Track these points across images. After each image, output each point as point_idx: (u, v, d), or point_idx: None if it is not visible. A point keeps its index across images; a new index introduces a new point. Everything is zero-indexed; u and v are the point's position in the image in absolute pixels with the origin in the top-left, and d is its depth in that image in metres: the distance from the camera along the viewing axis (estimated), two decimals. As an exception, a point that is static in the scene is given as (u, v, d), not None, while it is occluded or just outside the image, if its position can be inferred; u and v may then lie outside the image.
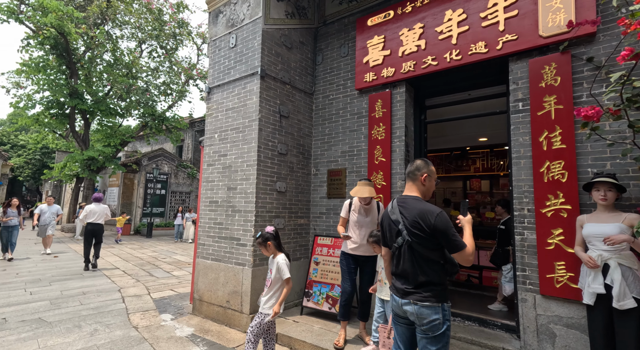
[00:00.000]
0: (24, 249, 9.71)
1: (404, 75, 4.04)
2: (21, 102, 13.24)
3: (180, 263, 8.51)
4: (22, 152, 30.61)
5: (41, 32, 12.14)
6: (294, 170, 4.66)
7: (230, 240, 4.20)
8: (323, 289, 4.00)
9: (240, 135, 4.30)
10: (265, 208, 4.16)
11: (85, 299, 4.95)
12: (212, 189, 4.57)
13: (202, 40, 16.75)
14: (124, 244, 12.12)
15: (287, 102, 4.60)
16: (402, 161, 4.04)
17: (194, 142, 21.05)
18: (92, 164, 14.27)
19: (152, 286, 5.90)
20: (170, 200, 18.36)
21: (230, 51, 4.59)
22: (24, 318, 4.07)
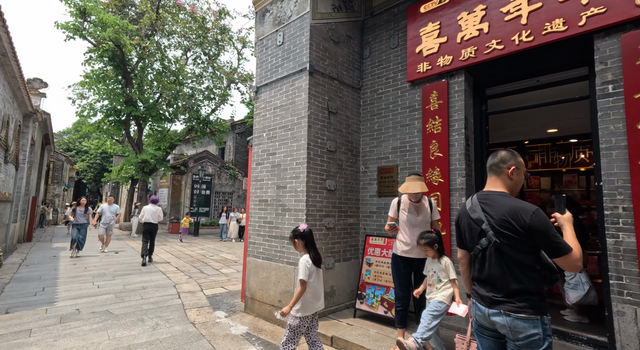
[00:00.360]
0: (90, 245, 10.58)
1: (463, 63, 3.73)
2: (84, 111, 14.55)
3: (227, 261, 8.76)
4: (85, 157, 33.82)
5: (101, 46, 13.23)
6: (343, 168, 4.52)
7: (281, 240, 4.16)
8: (377, 291, 3.81)
9: (289, 133, 4.26)
10: (316, 207, 4.07)
11: (145, 294, 5.21)
12: (261, 187, 4.58)
13: (242, 44, 17.26)
14: (175, 242, 12.81)
15: (335, 98, 4.47)
16: (462, 156, 3.73)
17: (235, 144, 21.80)
18: (145, 166, 15.29)
19: (203, 283, 6.09)
20: (214, 200, 19.16)
21: (278, 49, 4.57)
22: (94, 310, 4.36)
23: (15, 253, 8.99)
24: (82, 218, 8.53)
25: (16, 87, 7.72)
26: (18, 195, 9.61)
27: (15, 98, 8.23)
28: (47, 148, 17.33)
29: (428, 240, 2.89)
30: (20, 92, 8.06)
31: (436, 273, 2.89)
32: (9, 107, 7.60)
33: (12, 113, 8.03)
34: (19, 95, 8.27)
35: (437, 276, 2.88)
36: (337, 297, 4.24)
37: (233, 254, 10.01)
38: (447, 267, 2.86)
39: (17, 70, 6.91)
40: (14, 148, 8.52)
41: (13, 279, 5.99)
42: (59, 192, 21.63)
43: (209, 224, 17.95)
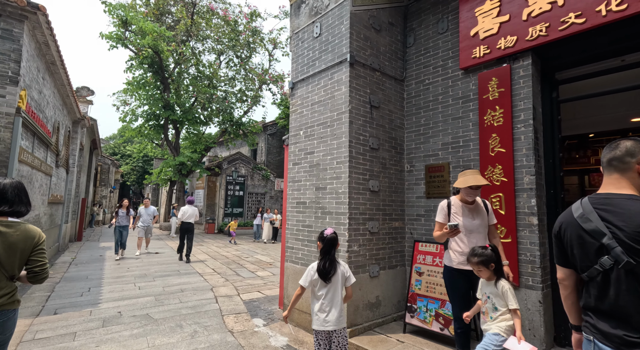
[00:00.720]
0: (132, 245, 11.00)
1: (531, 43, 3.21)
2: (127, 116, 15.31)
3: (262, 263, 8.67)
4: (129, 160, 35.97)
5: (140, 53, 13.82)
6: (387, 167, 4.15)
7: (321, 245, 3.87)
8: (431, 304, 3.40)
9: (328, 130, 3.96)
10: (359, 209, 3.74)
11: (183, 297, 5.17)
12: (298, 189, 4.33)
13: (273, 45, 17.32)
14: (210, 242, 13.03)
15: (378, 91, 4.11)
16: (530, 151, 3.22)
17: (266, 145, 21.99)
18: (182, 168, 15.79)
19: (240, 286, 5.98)
20: (248, 201, 19.42)
21: (315, 41, 4.29)
22: (134, 313, 4.34)
23: (66, 252, 9.52)
24: (124, 220, 8.57)
25: (65, 95, 8.14)
26: (69, 197, 10.21)
27: (64, 105, 8.70)
28: (95, 152, 18.51)
29: (482, 258, 2.31)
30: (69, 99, 8.51)
31: (491, 299, 2.33)
32: (58, 114, 8.04)
33: (62, 119, 8.50)
34: (68, 103, 8.74)
35: (492, 303, 2.32)
36: (383, 308, 3.87)
37: (267, 256, 9.93)
38: (504, 293, 2.26)
39: (65, 78, 7.25)
40: (64, 153, 9.03)
41: (63, 278, 6.24)
42: (106, 194, 23.08)
43: (243, 225, 18.19)
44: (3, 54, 4.70)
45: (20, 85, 4.86)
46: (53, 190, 8.18)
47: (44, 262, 1.86)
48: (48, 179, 7.52)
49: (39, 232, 1.88)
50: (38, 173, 6.51)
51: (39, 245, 1.86)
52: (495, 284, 2.30)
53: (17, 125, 4.77)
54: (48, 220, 7.96)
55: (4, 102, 4.67)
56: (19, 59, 4.80)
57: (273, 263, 8.69)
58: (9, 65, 4.72)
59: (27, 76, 5.21)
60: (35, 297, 5.00)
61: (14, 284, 1.83)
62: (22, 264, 1.83)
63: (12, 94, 4.73)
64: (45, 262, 1.87)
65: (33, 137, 5.87)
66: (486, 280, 2.36)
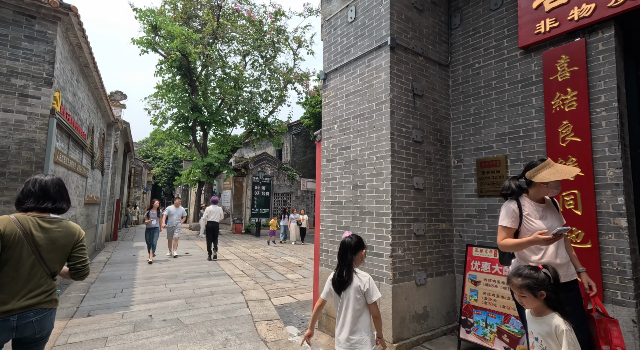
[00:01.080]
0: (163, 245, 11.17)
1: (614, 11, 2.69)
2: (157, 119, 15.72)
3: (291, 265, 8.44)
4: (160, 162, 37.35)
5: (169, 56, 14.10)
6: (432, 162, 3.72)
7: (360, 248, 3.52)
8: (491, 319, 2.95)
9: (366, 123, 3.60)
10: (402, 209, 3.35)
11: (214, 300, 5.00)
12: (333, 187, 4.00)
13: (297, 44, 17.17)
14: (238, 243, 13.03)
15: (421, 78, 3.70)
16: (615, 139, 2.69)
17: (291, 145, 21.91)
18: (210, 169, 15.99)
19: (270, 290, 5.74)
20: (274, 201, 19.40)
21: (349, 27, 3.95)
22: (165, 317, 4.20)
23: (102, 252, 9.79)
24: (154, 221, 8.38)
25: (99, 98, 8.33)
26: (104, 198, 10.51)
27: (98, 108, 8.93)
28: (129, 155, 19.22)
29: (529, 281, 1.65)
30: (102, 102, 8.72)
31: (539, 341, 1.70)
32: (93, 117, 8.24)
33: (96, 122, 8.72)
34: (102, 106, 8.96)
35: (540, 344, 1.71)
36: (432, 320, 3.45)
37: (296, 257, 9.70)
38: (559, 336, 1.60)
39: (99, 81, 7.39)
40: (99, 155, 9.28)
41: (98, 278, 6.31)
42: (139, 195, 23.98)
43: (269, 225, 18.17)
44: (38, 56, 4.74)
45: (54, 87, 4.90)
46: (89, 191, 8.39)
47: (85, 258, 1.87)
48: (84, 180, 7.70)
49: (79, 229, 1.90)
50: (74, 174, 6.63)
51: (80, 241, 1.87)
52: (547, 319, 1.67)
53: (51, 127, 4.80)
54: (84, 221, 8.17)
55: (39, 103, 4.71)
56: (52, 61, 4.83)
57: (302, 265, 8.44)
58: (43, 67, 4.76)
59: (61, 78, 5.26)
60: (70, 298, 5.02)
61: (53, 283, 1.82)
62: (63, 261, 1.84)
63: (47, 96, 4.77)
64: (86, 259, 1.88)
65: (68, 138, 5.96)
66: (533, 314, 1.74)
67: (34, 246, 1.70)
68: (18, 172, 4.54)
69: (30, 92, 4.67)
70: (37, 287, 1.72)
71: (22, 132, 4.60)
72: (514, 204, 2.14)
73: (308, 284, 6.25)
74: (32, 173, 4.63)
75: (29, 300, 1.68)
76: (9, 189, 4.47)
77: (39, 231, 1.73)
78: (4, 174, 4.45)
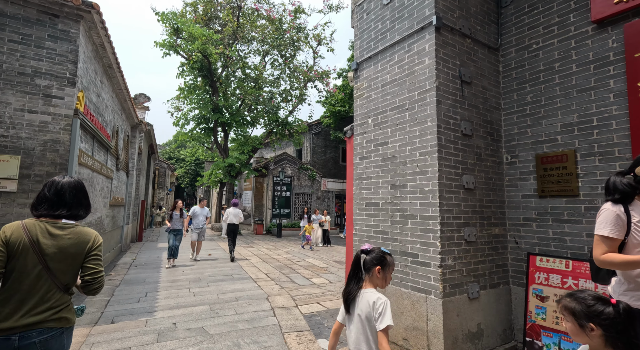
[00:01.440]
0: (186, 245, 11.16)
1: None
2: (179, 121, 15.87)
3: (315, 268, 8.12)
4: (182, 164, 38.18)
5: (191, 58, 14.17)
6: (482, 159, 3.28)
7: (402, 256, 3.13)
8: (567, 344, 2.49)
9: (407, 115, 3.21)
10: (452, 212, 2.93)
11: (239, 307, 4.75)
12: (368, 187, 3.63)
13: (317, 42, 16.87)
14: (260, 244, 12.87)
15: (469, 63, 3.26)
16: None
17: (311, 145, 21.65)
18: (231, 170, 15.97)
19: (297, 296, 5.44)
20: (294, 201, 19.20)
21: (384, 10, 3.56)
22: (189, 325, 3.98)
23: (128, 253, 9.85)
24: (178, 223, 7.80)
25: (123, 99, 8.35)
26: (129, 200, 10.61)
27: (122, 110, 8.97)
28: (153, 157, 19.60)
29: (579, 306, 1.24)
30: (126, 104, 8.74)
31: None
32: (117, 118, 8.25)
33: (120, 124, 8.75)
34: (126, 107, 8.99)
35: None
36: (487, 339, 3.01)
37: (319, 260, 9.38)
38: None
39: (122, 82, 7.36)
40: (124, 156, 9.34)
41: (123, 281, 6.23)
42: (163, 196, 24.49)
43: (290, 226, 17.98)
44: (61, 56, 4.66)
45: (77, 87, 4.80)
46: (114, 193, 8.42)
47: (98, 269, 1.60)
48: (109, 181, 7.71)
49: (94, 236, 1.64)
50: (99, 176, 6.61)
51: (94, 250, 1.61)
52: None
53: (75, 127, 4.71)
54: (110, 222, 8.20)
55: (63, 103, 4.63)
56: (75, 60, 4.74)
57: (327, 268, 8.10)
58: (66, 67, 4.68)
59: (84, 78, 5.18)
60: (95, 302, 4.91)
61: (66, 297, 1.58)
62: (76, 272, 1.60)
63: (70, 96, 4.68)
64: (99, 270, 1.60)
65: (92, 140, 5.91)
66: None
67: (40, 255, 1.48)
68: (43, 174, 4.47)
69: (54, 92, 4.59)
70: (43, 302, 1.48)
71: (47, 133, 4.52)
72: (619, 208, 1.66)
73: (336, 290, 5.91)
74: (57, 175, 4.56)
75: (32, 317, 1.45)
76: (34, 192, 4.40)
77: (47, 238, 1.51)
78: (29, 176, 4.38)
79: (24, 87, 4.41)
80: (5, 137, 4.29)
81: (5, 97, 4.31)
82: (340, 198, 21.53)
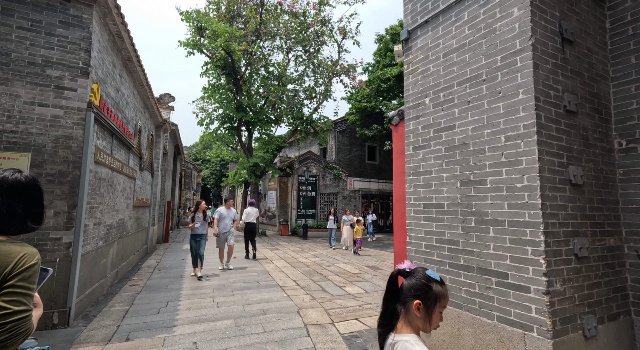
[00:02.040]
0: (210, 247, 10.79)
1: None
2: (204, 121, 15.70)
3: (347, 274, 7.41)
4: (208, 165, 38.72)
5: (214, 56, 13.90)
6: (590, 144, 2.44)
7: (481, 275, 2.36)
8: None
9: (484, 88, 2.43)
10: (557, 217, 2.13)
11: (267, 323, 4.14)
12: (426, 184, 2.88)
13: (342, 36, 16.16)
14: (286, 246, 12.32)
15: (570, 16, 2.44)
16: None
17: (336, 143, 20.95)
18: (256, 169, 15.60)
19: (331, 309, 4.77)
20: (320, 201, 18.57)
21: (447, -43, 2.80)
22: (211, 346, 3.41)
23: (153, 255, 9.61)
24: (202, 227, 6.71)
25: (145, 97, 8.05)
26: (154, 200, 10.40)
27: (146, 108, 8.69)
28: (179, 158, 19.69)
29: None
30: (149, 102, 8.45)
31: None
32: (140, 117, 7.96)
33: (144, 122, 8.47)
34: (149, 105, 8.71)
35: None
36: (609, 393, 2.18)
37: (350, 264, 8.66)
38: None
39: (143, 77, 7.02)
40: (148, 156, 9.08)
41: (145, 287, 5.83)
42: (189, 197, 24.71)
43: (316, 226, 17.37)
44: (73, 43, 4.26)
45: (91, 78, 4.40)
46: (138, 193, 8.14)
47: (10, 310, 0.97)
48: (132, 182, 7.40)
49: (18, 257, 1.04)
50: (120, 176, 6.26)
51: (13, 277, 1.01)
52: None
53: (89, 121, 4.29)
54: (134, 224, 7.92)
55: (75, 96, 4.22)
56: (89, 48, 4.33)
57: (360, 275, 7.37)
58: (79, 55, 4.27)
59: (100, 69, 4.78)
60: (113, 312, 4.49)
61: None
62: None
63: (83, 87, 4.27)
64: (13, 311, 0.97)
65: (111, 137, 5.54)
66: None
67: None
68: (54, 173, 4.08)
69: (66, 83, 4.20)
70: None
71: (58, 129, 4.13)
72: None
73: (375, 303, 5.18)
74: (69, 174, 4.16)
75: None
76: (46, 192, 3.97)
77: None
78: (40, 176, 4.00)
79: (34, 78, 4.04)
80: (15, 132, 3.93)
81: (15, 89, 3.95)
82: (367, 198, 20.66)
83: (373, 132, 19.25)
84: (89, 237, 4.68)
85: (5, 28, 3.93)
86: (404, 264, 1.19)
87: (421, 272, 1.15)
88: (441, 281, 1.15)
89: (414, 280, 1.14)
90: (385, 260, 9.56)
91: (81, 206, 4.20)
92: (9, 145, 3.88)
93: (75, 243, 4.15)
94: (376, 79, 17.85)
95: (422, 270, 1.16)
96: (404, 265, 1.18)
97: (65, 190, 4.11)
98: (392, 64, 18.62)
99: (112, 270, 5.97)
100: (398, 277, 1.19)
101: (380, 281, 6.78)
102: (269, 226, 19.83)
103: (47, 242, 3.98)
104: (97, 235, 5.06)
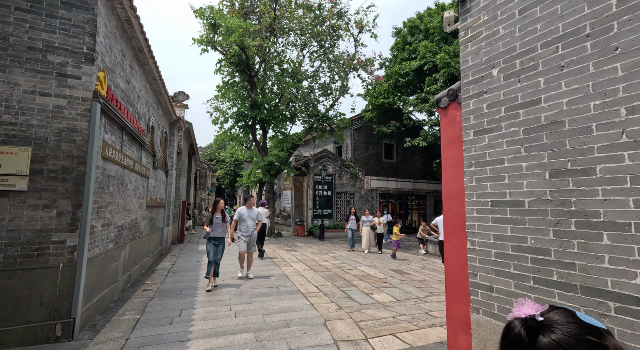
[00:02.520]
0: (229, 249, 10.40)
1: None
2: (218, 119, 15.41)
3: (372, 279, 6.84)
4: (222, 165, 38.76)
5: (228, 52, 13.56)
6: None
7: (591, 297, 1.76)
8: None
9: (588, 46, 1.83)
10: None
11: (292, 338, 3.63)
12: (496, 177, 2.29)
13: (358, 30, 15.55)
14: (303, 247, 11.82)
15: None
16: None
17: (352, 141, 20.35)
18: (271, 168, 15.19)
19: (362, 321, 4.21)
20: (336, 201, 18.02)
21: None
22: (230, 372, 2.92)
23: (168, 256, 9.29)
24: (219, 229, 5.97)
25: (158, 92, 7.70)
26: (169, 200, 10.09)
27: (159, 104, 8.36)
28: (194, 157, 19.53)
29: None
30: (162, 98, 8.11)
31: None
32: (153, 113, 7.61)
33: (157, 119, 8.14)
34: (162, 101, 8.37)
35: None
36: None
37: (374, 268, 8.08)
38: None
39: (155, 70, 6.65)
40: (161, 154, 8.75)
41: (158, 293, 5.43)
42: (204, 197, 24.60)
43: (333, 227, 16.82)
44: (77, 26, 3.86)
45: (97, 65, 3.99)
46: (151, 193, 7.80)
47: None
48: (145, 180, 7.05)
49: None
50: (131, 174, 5.89)
51: None
52: None
53: (94, 112, 3.89)
54: (148, 225, 7.58)
55: (79, 84, 3.82)
56: (93, 32, 3.93)
57: (387, 280, 6.79)
58: (83, 40, 3.87)
59: (107, 57, 4.39)
60: (122, 322, 4.08)
61: None
62: None
63: (88, 75, 3.87)
64: None
65: (121, 131, 5.15)
66: None
67: None
68: (57, 170, 3.68)
69: (69, 70, 3.80)
70: None
71: (62, 120, 3.74)
72: None
73: (410, 314, 4.60)
74: (74, 170, 3.76)
75: None
76: (48, 190, 3.63)
77: None
78: (41, 172, 3.62)
79: (35, 65, 3.66)
80: (14, 124, 3.55)
81: (13, 76, 3.57)
82: (385, 197, 19.96)
83: (391, 128, 18.55)
84: (96, 240, 4.29)
85: (2, 9, 3.56)
86: (524, 306, 0.62)
87: (568, 318, 0.59)
88: (608, 333, 0.59)
89: (561, 334, 0.57)
90: (410, 264, 8.93)
91: (87, 206, 3.80)
92: (7, 139, 3.51)
93: (81, 246, 3.74)
94: (394, 73, 17.14)
95: (568, 315, 0.59)
96: (525, 309, 0.62)
97: (69, 188, 3.71)
98: (410, 57, 17.86)
99: (124, 274, 5.60)
100: (522, 330, 0.60)
101: (410, 287, 6.17)
102: (284, 226, 19.41)
103: (50, 245, 3.59)
104: (106, 237, 4.68)
